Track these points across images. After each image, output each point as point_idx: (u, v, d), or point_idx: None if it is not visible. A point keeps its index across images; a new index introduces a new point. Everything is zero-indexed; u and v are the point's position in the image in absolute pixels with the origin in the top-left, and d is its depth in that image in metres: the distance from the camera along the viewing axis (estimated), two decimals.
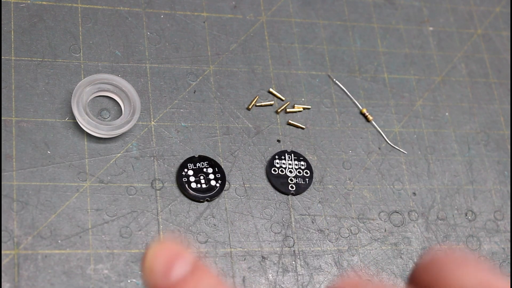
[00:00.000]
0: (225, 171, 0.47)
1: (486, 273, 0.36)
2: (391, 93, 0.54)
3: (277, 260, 0.45)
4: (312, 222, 0.47)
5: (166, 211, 0.44)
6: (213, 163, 0.46)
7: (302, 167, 0.48)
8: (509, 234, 0.51)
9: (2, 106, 0.44)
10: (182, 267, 0.34)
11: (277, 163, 0.48)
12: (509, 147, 0.55)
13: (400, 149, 0.52)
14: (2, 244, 0.40)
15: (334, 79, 0.52)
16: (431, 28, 0.57)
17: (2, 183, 0.42)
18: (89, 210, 0.43)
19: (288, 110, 0.50)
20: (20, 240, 0.41)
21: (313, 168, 0.49)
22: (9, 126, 0.44)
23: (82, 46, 0.47)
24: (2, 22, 0.46)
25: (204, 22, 0.51)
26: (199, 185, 0.45)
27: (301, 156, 0.49)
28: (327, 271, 0.46)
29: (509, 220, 0.52)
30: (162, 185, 0.45)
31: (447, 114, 0.54)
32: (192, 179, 0.45)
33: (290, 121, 0.50)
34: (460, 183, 0.52)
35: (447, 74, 0.56)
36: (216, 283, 0.34)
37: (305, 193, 0.48)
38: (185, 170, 0.46)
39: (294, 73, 0.52)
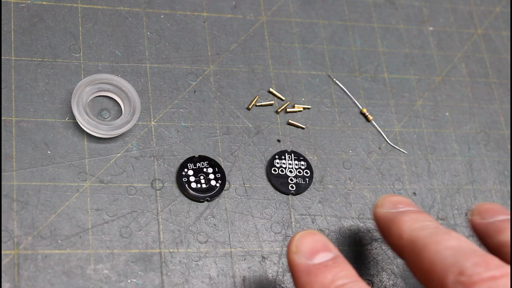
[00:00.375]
0: (225, 171, 0.47)
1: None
2: (391, 93, 0.54)
3: (277, 260, 0.45)
4: (312, 222, 0.47)
5: (166, 211, 0.44)
6: (213, 163, 0.46)
7: (302, 167, 0.48)
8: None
9: (2, 106, 0.44)
10: (326, 255, 0.38)
11: (277, 163, 0.48)
12: (509, 147, 0.55)
13: (400, 149, 0.52)
14: (2, 244, 0.40)
15: (334, 79, 0.53)
16: (431, 28, 0.57)
17: (2, 183, 0.42)
18: (89, 210, 0.43)
19: (288, 110, 0.50)
20: (20, 240, 0.41)
21: (313, 168, 0.49)
22: (9, 126, 0.44)
23: (82, 46, 0.47)
24: (2, 22, 0.46)
25: (204, 22, 0.51)
26: (199, 185, 0.45)
27: (301, 156, 0.49)
28: None
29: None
30: (162, 185, 0.45)
31: (447, 114, 0.54)
32: (192, 179, 0.45)
33: (290, 121, 0.50)
34: (460, 183, 0.52)
35: (447, 74, 0.56)
36: (353, 276, 0.38)
37: (305, 193, 0.48)
38: (185, 170, 0.46)
39: (294, 73, 0.52)
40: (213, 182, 0.46)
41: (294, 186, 0.47)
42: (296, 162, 0.48)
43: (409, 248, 0.39)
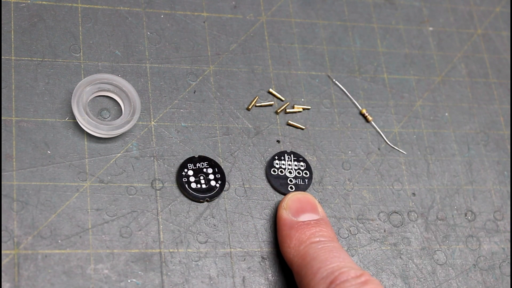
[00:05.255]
0: (225, 171, 0.47)
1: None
2: (390, 93, 0.54)
3: (277, 261, 0.45)
4: None
5: (166, 211, 0.44)
6: (213, 163, 0.46)
7: (302, 168, 0.48)
8: (509, 234, 0.51)
9: (2, 106, 0.44)
10: (311, 216, 0.44)
11: (277, 163, 0.48)
12: (509, 147, 0.55)
13: (400, 150, 0.52)
14: (2, 244, 0.41)
15: (334, 80, 0.53)
16: (431, 28, 0.57)
17: (2, 183, 0.42)
18: (89, 210, 0.43)
19: (287, 110, 0.50)
20: (20, 240, 0.41)
21: (312, 168, 0.49)
22: (9, 126, 0.44)
23: (82, 46, 0.47)
24: (2, 22, 0.46)
25: (204, 22, 0.51)
26: (199, 185, 0.45)
27: (301, 156, 0.49)
28: None
29: (509, 220, 0.52)
30: (162, 185, 0.45)
31: (446, 114, 0.54)
32: (192, 179, 0.46)
33: (289, 121, 0.50)
34: (460, 183, 0.52)
35: (447, 74, 0.56)
36: (330, 237, 0.43)
37: None
38: (185, 170, 0.46)
39: (294, 73, 0.52)
40: (213, 183, 0.46)
41: (293, 186, 0.48)
42: (296, 163, 0.48)
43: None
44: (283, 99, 0.51)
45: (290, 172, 0.48)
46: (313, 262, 0.41)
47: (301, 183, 0.48)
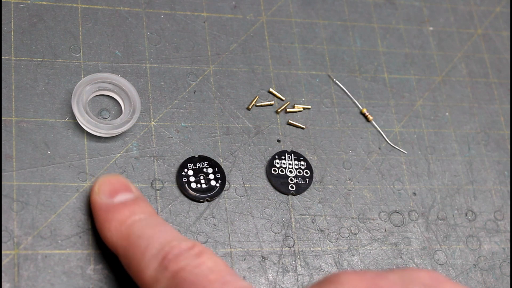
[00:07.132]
0: (225, 171, 0.47)
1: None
2: (391, 93, 0.54)
3: (277, 260, 0.45)
4: (312, 222, 0.47)
5: (166, 211, 0.44)
6: (213, 163, 0.46)
7: (302, 167, 0.48)
8: (509, 234, 0.51)
9: (2, 106, 0.44)
10: (126, 195, 0.41)
11: (277, 163, 0.48)
12: (509, 147, 0.55)
13: (400, 149, 0.52)
14: (2, 244, 0.40)
15: (334, 79, 0.53)
16: (431, 28, 0.57)
17: (2, 183, 0.42)
18: (89, 210, 0.43)
19: (288, 110, 0.50)
20: (20, 240, 0.41)
21: (313, 168, 0.49)
22: (9, 126, 0.44)
23: (82, 46, 0.47)
24: (2, 22, 0.46)
25: (204, 22, 0.51)
26: (199, 185, 0.45)
27: (301, 156, 0.49)
28: (327, 271, 0.46)
29: (509, 220, 0.52)
30: (162, 185, 0.45)
31: (447, 114, 0.54)
32: (192, 179, 0.45)
33: (290, 121, 0.50)
34: (460, 183, 0.52)
35: (447, 74, 0.56)
36: (151, 213, 0.40)
37: (305, 193, 0.48)
38: (185, 170, 0.46)
39: (294, 73, 0.52)
40: (213, 182, 0.46)
41: (294, 186, 0.48)
42: (296, 162, 0.48)
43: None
44: (283, 98, 0.50)
45: (290, 172, 0.48)
46: (139, 240, 0.38)
47: (302, 182, 0.48)
